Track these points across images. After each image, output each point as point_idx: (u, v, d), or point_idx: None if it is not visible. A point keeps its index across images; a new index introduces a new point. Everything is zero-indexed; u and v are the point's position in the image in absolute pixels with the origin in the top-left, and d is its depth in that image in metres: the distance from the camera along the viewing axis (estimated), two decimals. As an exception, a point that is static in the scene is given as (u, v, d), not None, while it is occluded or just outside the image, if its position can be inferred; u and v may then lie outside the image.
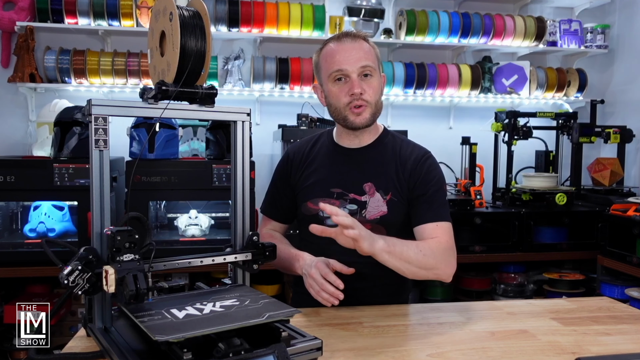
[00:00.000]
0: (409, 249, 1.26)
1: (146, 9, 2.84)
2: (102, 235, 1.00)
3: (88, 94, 2.97)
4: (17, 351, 2.42)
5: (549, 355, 1.06)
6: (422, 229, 1.39)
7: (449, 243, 1.37)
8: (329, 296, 1.23)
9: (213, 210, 2.72)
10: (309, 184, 1.49)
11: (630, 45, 3.38)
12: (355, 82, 1.37)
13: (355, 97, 1.37)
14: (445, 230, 1.38)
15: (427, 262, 1.28)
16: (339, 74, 1.38)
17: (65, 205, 2.48)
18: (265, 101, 3.18)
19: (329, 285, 1.23)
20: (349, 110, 1.40)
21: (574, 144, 3.05)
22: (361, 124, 1.41)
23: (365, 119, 1.40)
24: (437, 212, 1.40)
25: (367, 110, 1.40)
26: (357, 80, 1.37)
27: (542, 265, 2.94)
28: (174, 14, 1.04)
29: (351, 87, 1.37)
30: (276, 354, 0.90)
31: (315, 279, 1.25)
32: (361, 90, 1.37)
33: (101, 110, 0.99)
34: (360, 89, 1.37)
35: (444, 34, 3.15)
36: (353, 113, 1.40)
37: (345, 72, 1.37)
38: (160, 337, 0.86)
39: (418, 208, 1.42)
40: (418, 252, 1.27)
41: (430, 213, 1.40)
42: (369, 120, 1.41)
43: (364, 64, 1.37)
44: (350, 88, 1.37)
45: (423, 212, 1.41)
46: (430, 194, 1.42)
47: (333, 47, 1.40)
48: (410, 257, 1.26)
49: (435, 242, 1.34)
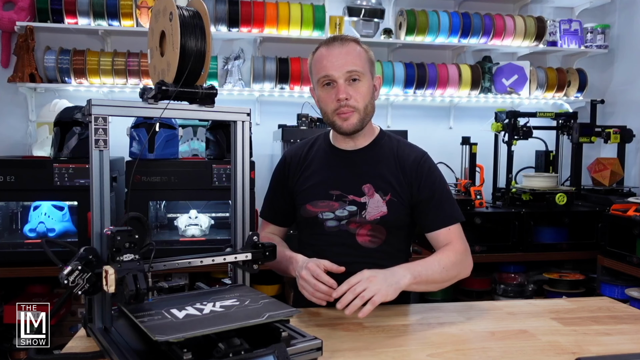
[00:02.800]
0: (434, 271, 1.30)
1: (146, 9, 2.84)
2: (102, 235, 1.00)
3: (88, 94, 2.97)
4: (17, 351, 2.42)
5: (549, 355, 1.06)
6: (437, 236, 1.42)
7: (463, 246, 1.40)
8: (323, 295, 1.22)
9: (213, 210, 2.72)
10: (307, 186, 1.48)
11: (630, 45, 3.38)
12: (341, 88, 1.36)
13: (341, 103, 1.37)
14: (457, 232, 1.42)
15: (450, 275, 1.34)
16: (326, 79, 1.38)
17: (65, 205, 2.48)
18: (265, 101, 3.18)
19: (322, 285, 1.22)
20: (336, 116, 1.40)
21: (574, 144, 3.05)
22: (348, 129, 1.40)
23: (352, 124, 1.40)
24: (447, 215, 1.42)
25: (353, 116, 1.39)
26: (343, 86, 1.36)
27: (542, 265, 2.94)
28: (174, 14, 1.04)
29: (337, 92, 1.37)
30: (276, 354, 0.90)
31: (307, 280, 1.24)
32: (347, 96, 1.36)
33: (101, 110, 0.99)
34: (345, 95, 1.36)
35: (444, 34, 3.15)
36: (340, 119, 1.39)
37: (332, 77, 1.37)
38: (160, 337, 0.86)
39: (428, 214, 1.43)
40: (442, 270, 1.32)
41: (441, 218, 1.42)
42: (356, 126, 1.40)
43: (350, 69, 1.36)
44: (336, 94, 1.37)
45: (433, 218, 1.42)
46: (437, 197, 1.43)
47: (322, 52, 1.40)
48: (435, 278, 1.31)
49: (452, 251, 1.37)
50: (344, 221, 1.43)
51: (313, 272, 1.24)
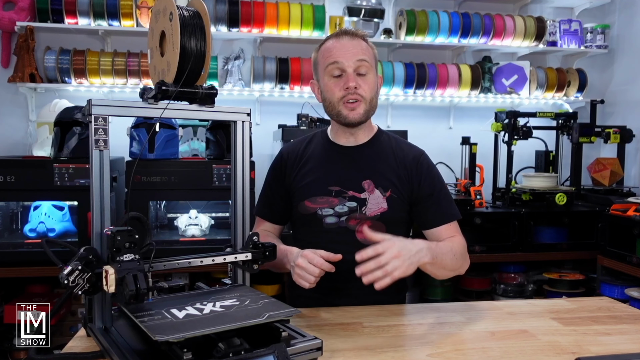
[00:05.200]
0: (448, 257, 1.31)
1: (146, 9, 2.84)
2: (102, 235, 1.00)
3: (88, 94, 2.97)
4: (17, 351, 2.42)
5: (549, 355, 1.06)
6: (438, 232, 1.43)
7: (464, 241, 1.42)
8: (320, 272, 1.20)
9: (213, 210, 2.72)
10: (305, 183, 1.47)
11: (630, 45, 3.38)
12: (350, 76, 1.37)
13: (350, 91, 1.37)
14: (457, 228, 1.44)
15: (457, 264, 1.35)
16: (335, 66, 1.38)
17: (65, 205, 2.48)
18: (265, 101, 3.18)
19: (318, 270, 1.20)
20: (342, 105, 1.39)
21: (574, 144, 3.05)
22: (354, 119, 1.40)
23: (359, 114, 1.39)
24: (448, 212, 1.44)
25: (361, 105, 1.39)
26: (352, 75, 1.37)
27: (542, 265, 2.94)
28: (174, 14, 1.04)
29: (346, 81, 1.37)
30: (276, 354, 0.90)
31: (304, 267, 1.21)
32: (356, 85, 1.37)
33: (101, 110, 0.99)
34: (355, 83, 1.37)
35: (444, 34, 3.15)
36: (347, 107, 1.39)
37: (341, 65, 1.37)
38: (160, 337, 0.86)
39: (428, 210, 1.43)
40: (453, 257, 1.33)
41: (441, 214, 1.43)
42: (362, 116, 1.40)
43: (360, 58, 1.37)
44: (345, 82, 1.37)
45: (434, 215, 1.43)
46: (437, 194, 1.44)
47: (331, 43, 1.41)
48: (447, 264, 1.31)
49: (459, 243, 1.39)
50: (344, 217, 1.42)
51: (311, 260, 1.21)
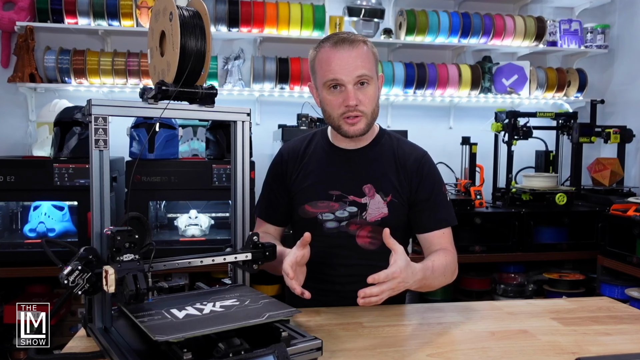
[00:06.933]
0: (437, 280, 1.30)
1: (146, 9, 2.84)
2: (102, 235, 1.00)
3: (88, 94, 2.97)
4: (17, 351, 2.42)
5: (549, 355, 1.06)
6: (430, 239, 1.41)
7: (454, 252, 1.40)
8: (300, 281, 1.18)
9: (213, 210, 2.72)
10: (305, 186, 1.45)
11: (630, 45, 3.38)
12: (350, 94, 1.32)
13: (350, 109, 1.33)
14: (449, 237, 1.42)
15: (444, 282, 1.34)
16: (334, 82, 1.33)
17: (65, 205, 2.48)
18: (265, 101, 3.18)
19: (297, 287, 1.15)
20: (342, 121, 1.36)
21: (574, 144, 3.05)
22: (355, 134, 1.37)
23: (359, 129, 1.37)
24: (442, 218, 1.41)
25: (362, 120, 1.36)
26: (352, 91, 1.32)
27: (542, 265, 2.94)
28: (174, 14, 1.04)
29: (346, 98, 1.32)
30: (276, 354, 0.90)
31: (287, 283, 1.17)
32: (357, 102, 1.33)
33: (101, 110, 0.99)
34: (355, 101, 1.32)
35: (444, 34, 3.15)
36: (347, 123, 1.36)
37: (341, 81, 1.32)
38: (160, 337, 0.86)
39: (422, 214, 1.42)
40: (442, 278, 1.32)
41: (436, 219, 1.41)
42: (363, 130, 1.38)
43: (360, 73, 1.32)
44: (345, 99, 1.33)
45: (428, 219, 1.41)
46: (434, 198, 1.42)
47: (329, 53, 1.33)
48: (434, 285, 1.31)
49: (452, 260, 1.36)
50: (344, 222, 1.41)
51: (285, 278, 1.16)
